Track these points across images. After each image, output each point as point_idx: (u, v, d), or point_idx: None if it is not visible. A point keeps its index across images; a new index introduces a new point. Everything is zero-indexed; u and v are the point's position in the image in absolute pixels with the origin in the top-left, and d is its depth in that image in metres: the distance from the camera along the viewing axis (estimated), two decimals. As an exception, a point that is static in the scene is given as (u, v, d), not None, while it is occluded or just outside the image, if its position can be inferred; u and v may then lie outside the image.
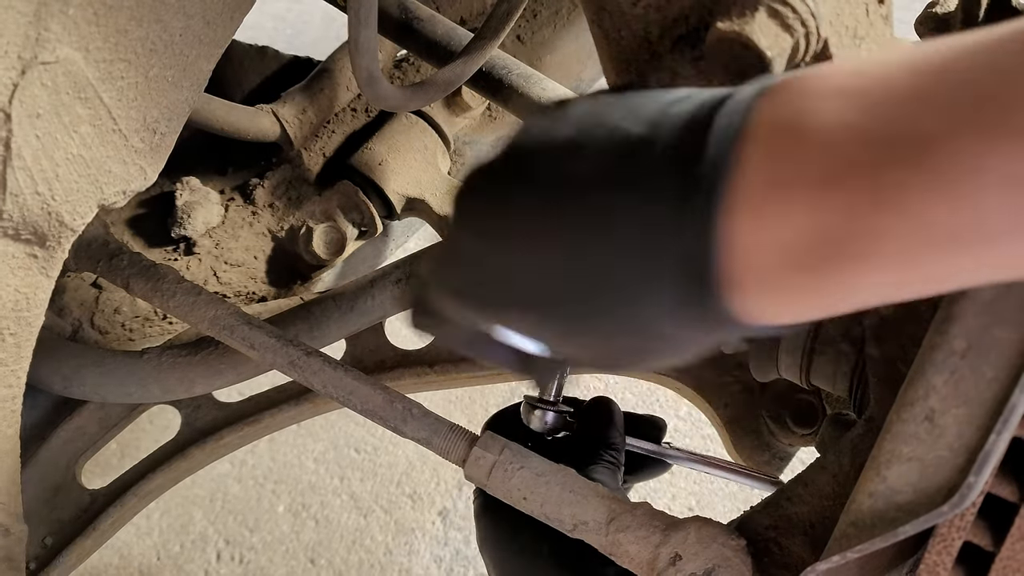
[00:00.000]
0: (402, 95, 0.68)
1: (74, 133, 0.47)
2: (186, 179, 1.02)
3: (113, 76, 0.47)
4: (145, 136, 0.51)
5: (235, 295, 1.04)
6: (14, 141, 0.44)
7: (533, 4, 1.13)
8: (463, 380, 1.01)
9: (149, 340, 0.98)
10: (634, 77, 0.51)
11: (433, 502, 1.56)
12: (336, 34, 2.34)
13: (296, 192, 1.06)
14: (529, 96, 0.84)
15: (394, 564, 1.48)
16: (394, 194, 1.03)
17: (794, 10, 0.41)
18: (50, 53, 0.43)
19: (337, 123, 1.08)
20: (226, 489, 1.57)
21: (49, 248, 0.50)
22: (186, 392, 0.84)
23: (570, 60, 1.17)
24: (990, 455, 0.43)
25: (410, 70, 1.11)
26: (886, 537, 0.44)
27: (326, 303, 0.83)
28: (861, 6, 0.45)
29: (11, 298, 0.50)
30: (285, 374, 0.69)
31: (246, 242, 1.04)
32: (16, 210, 0.46)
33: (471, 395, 1.70)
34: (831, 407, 0.83)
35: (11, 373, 0.54)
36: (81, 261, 0.77)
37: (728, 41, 0.41)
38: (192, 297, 0.72)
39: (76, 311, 0.96)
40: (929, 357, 0.45)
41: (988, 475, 0.43)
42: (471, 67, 0.76)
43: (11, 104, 0.43)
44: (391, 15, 0.87)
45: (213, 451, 0.97)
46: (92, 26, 0.44)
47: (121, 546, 1.50)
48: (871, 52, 0.47)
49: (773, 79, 0.32)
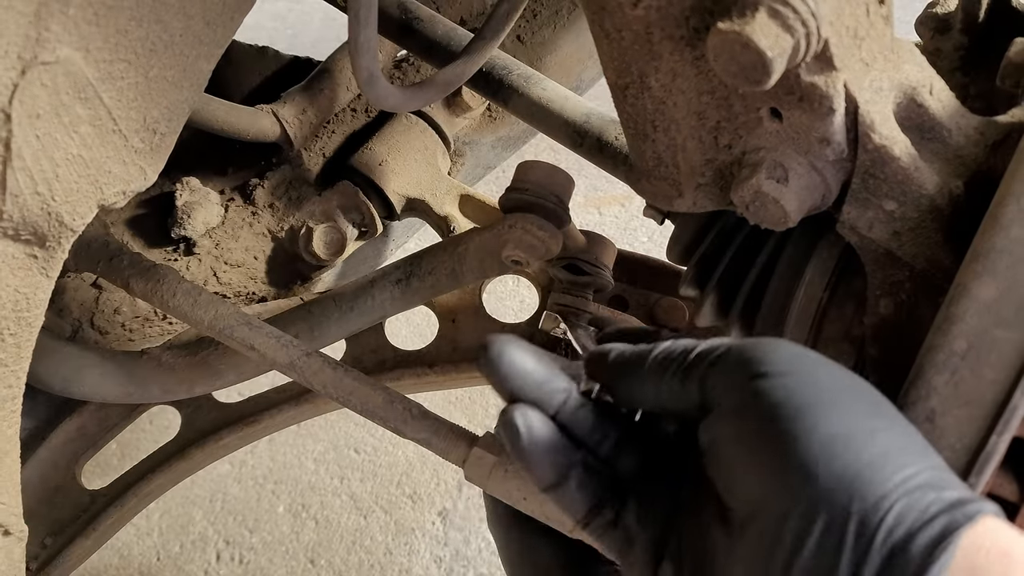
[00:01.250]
0: (402, 95, 0.68)
1: (74, 133, 0.47)
2: (186, 179, 1.02)
3: (113, 76, 0.47)
4: (145, 136, 0.51)
5: (235, 295, 1.04)
6: (14, 141, 0.43)
7: (533, 4, 1.13)
8: (463, 380, 1.01)
9: (149, 340, 0.98)
10: (635, 77, 0.51)
11: (433, 502, 1.56)
12: (336, 34, 2.34)
13: (296, 192, 1.06)
14: (529, 96, 0.84)
15: (394, 564, 1.48)
16: (394, 194, 1.03)
17: (795, 10, 0.41)
18: (50, 53, 0.43)
19: (337, 123, 1.08)
20: (226, 489, 1.57)
21: (49, 248, 0.50)
22: (186, 392, 0.84)
23: (570, 60, 1.17)
24: (991, 456, 0.43)
25: (410, 70, 1.11)
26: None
27: (326, 303, 0.83)
28: (862, 6, 0.45)
29: (11, 298, 0.50)
30: (285, 375, 0.69)
31: (246, 242, 1.04)
32: (16, 210, 0.46)
33: (471, 395, 1.70)
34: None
35: (11, 373, 0.53)
36: (81, 261, 0.77)
37: (729, 41, 0.41)
38: (192, 297, 0.72)
39: (76, 311, 0.96)
40: (930, 358, 0.45)
41: (989, 475, 0.43)
42: (471, 67, 0.76)
43: (11, 104, 0.43)
44: (391, 15, 0.87)
45: (213, 452, 0.97)
46: (92, 26, 0.44)
47: (121, 546, 1.50)
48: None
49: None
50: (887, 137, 0.48)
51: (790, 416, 0.37)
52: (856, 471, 0.35)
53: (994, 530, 0.35)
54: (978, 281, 0.44)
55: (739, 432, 0.39)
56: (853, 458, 0.36)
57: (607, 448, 0.47)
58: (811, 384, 0.38)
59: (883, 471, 0.35)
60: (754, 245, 0.65)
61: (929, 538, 0.34)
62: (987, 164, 0.52)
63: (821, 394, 0.38)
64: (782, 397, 0.38)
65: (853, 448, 0.36)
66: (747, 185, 0.50)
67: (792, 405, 0.37)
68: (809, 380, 0.39)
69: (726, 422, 0.40)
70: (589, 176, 1.95)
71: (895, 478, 0.35)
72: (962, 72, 0.63)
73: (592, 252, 0.85)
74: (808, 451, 0.36)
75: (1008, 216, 0.44)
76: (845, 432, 0.36)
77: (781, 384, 0.38)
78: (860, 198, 0.51)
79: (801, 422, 0.37)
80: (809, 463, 0.36)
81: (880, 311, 0.55)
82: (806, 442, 0.36)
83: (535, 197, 0.75)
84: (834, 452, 0.36)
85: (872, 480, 0.35)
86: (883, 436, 0.37)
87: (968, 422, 0.44)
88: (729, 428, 0.40)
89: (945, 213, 0.51)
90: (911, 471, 0.36)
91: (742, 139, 0.51)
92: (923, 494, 0.35)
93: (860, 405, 0.39)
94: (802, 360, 0.40)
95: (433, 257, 0.81)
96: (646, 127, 0.54)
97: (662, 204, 0.58)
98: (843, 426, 0.37)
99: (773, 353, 0.40)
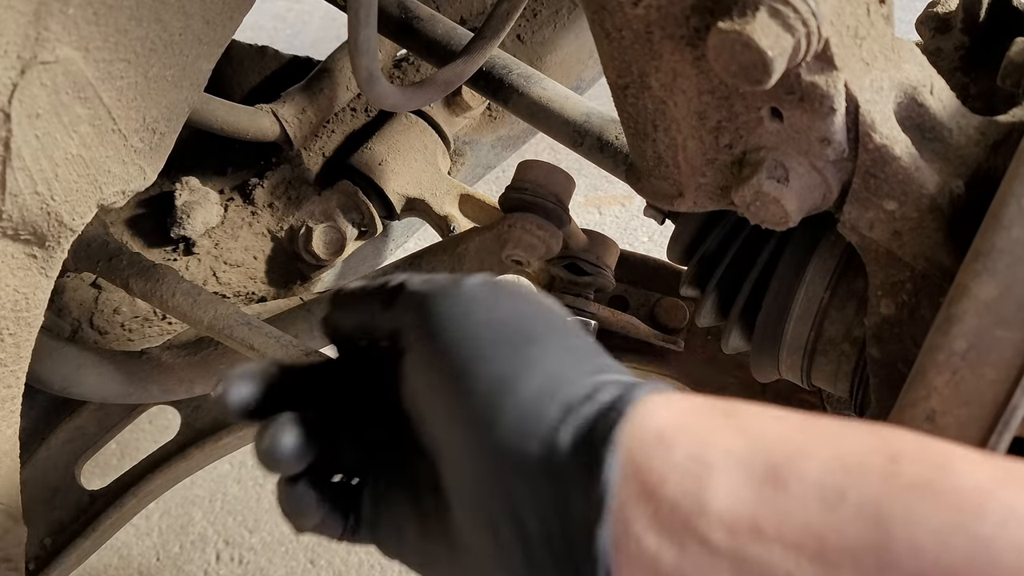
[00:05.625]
0: (402, 95, 0.68)
1: (74, 133, 0.46)
2: (185, 179, 1.02)
3: (113, 76, 0.47)
4: (144, 136, 0.51)
5: (235, 295, 1.04)
6: (14, 141, 0.43)
7: (533, 3, 1.13)
8: (463, 380, 1.01)
9: (149, 340, 0.98)
10: (635, 77, 0.51)
11: (433, 502, 1.56)
12: (336, 34, 2.33)
13: (296, 192, 1.06)
14: (529, 96, 0.84)
15: (394, 564, 1.48)
16: (394, 194, 1.03)
17: (795, 10, 0.41)
18: (50, 53, 0.43)
19: (337, 123, 1.08)
20: (226, 489, 1.57)
21: (48, 248, 0.50)
22: (186, 392, 0.84)
23: (571, 60, 1.17)
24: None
25: (410, 70, 1.11)
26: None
27: (326, 303, 0.83)
28: (862, 6, 0.45)
29: (10, 298, 0.50)
30: (285, 374, 0.68)
31: (246, 242, 1.04)
32: (15, 210, 0.46)
33: (471, 395, 1.69)
34: (832, 408, 0.83)
35: (10, 373, 0.53)
36: (80, 261, 0.77)
37: (729, 41, 0.41)
38: (192, 297, 0.72)
39: (75, 311, 0.96)
40: (930, 358, 0.45)
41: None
42: (471, 67, 0.76)
43: (11, 104, 0.43)
44: (391, 15, 0.87)
45: (212, 452, 0.97)
46: (92, 26, 0.44)
47: (121, 546, 1.50)
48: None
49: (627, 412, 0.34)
50: (888, 137, 0.48)
51: (458, 371, 0.38)
52: (521, 413, 0.35)
53: (648, 413, 0.34)
54: (978, 281, 0.44)
55: (423, 384, 0.40)
56: (515, 401, 0.36)
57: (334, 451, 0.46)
58: (472, 330, 0.39)
59: (541, 403, 0.35)
60: (755, 245, 0.65)
61: (586, 452, 0.33)
62: (988, 164, 0.52)
63: (481, 339, 0.38)
64: (452, 350, 0.38)
65: (515, 388, 0.36)
66: (748, 185, 0.50)
67: (459, 357, 0.38)
68: (472, 326, 0.39)
69: (414, 372, 0.41)
70: (589, 176, 1.95)
71: (552, 411, 0.35)
72: (963, 72, 0.63)
73: (594, 252, 0.85)
74: (475, 403, 0.36)
75: (1009, 216, 0.44)
76: (503, 374, 0.37)
77: (452, 337, 0.39)
78: (861, 198, 0.51)
79: (467, 375, 0.37)
80: (476, 417, 0.36)
81: (881, 311, 0.55)
82: (472, 394, 0.37)
83: (535, 197, 0.75)
84: (499, 399, 0.36)
85: (538, 417, 0.35)
86: (539, 365, 0.37)
87: (969, 422, 0.44)
88: (416, 377, 0.40)
89: (946, 213, 0.51)
90: (570, 392, 0.36)
91: (743, 139, 0.51)
92: (584, 409, 0.35)
93: (518, 338, 0.39)
94: (467, 303, 0.40)
95: (433, 257, 0.81)
96: (646, 127, 0.53)
97: (662, 204, 0.58)
98: (501, 368, 0.37)
99: (444, 298, 0.40)
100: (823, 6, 0.42)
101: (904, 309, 0.54)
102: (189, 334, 0.86)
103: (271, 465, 0.41)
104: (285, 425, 0.41)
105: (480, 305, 0.40)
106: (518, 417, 0.35)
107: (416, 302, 0.41)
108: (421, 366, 0.40)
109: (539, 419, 0.35)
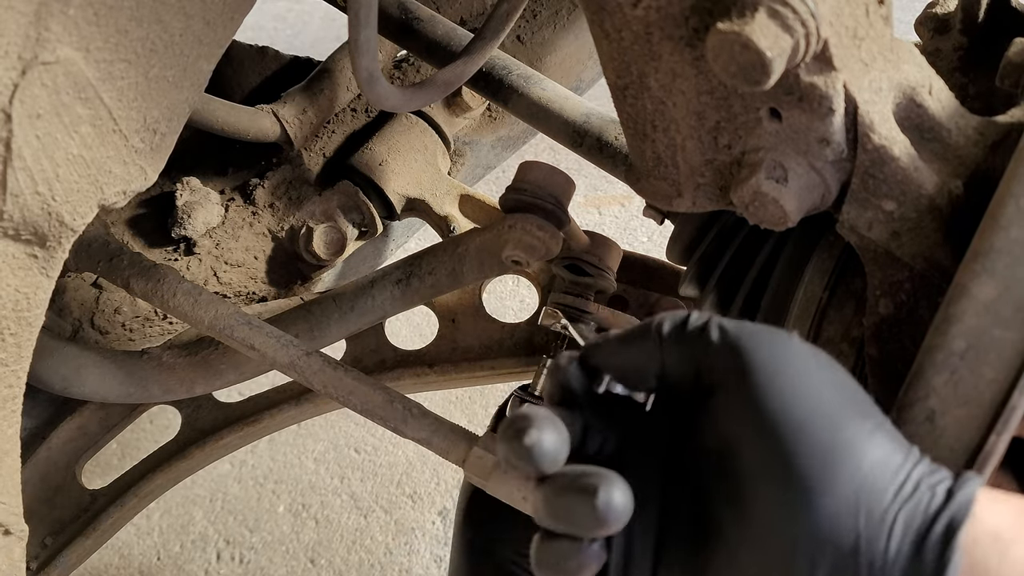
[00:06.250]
0: (402, 95, 0.68)
1: (74, 133, 0.47)
2: (186, 179, 1.02)
3: (113, 76, 0.47)
4: (145, 136, 0.51)
5: (235, 295, 1.04)
6: (14, 141, 0.44)
7: (533, 4, 1.13)
8: (463, 380, 1.01)
9: (149, 340, 0.98)
10: (634, 77, 0.51)
11: (433, 502, 1.56)
12: (336, 34, 2.34)
13: (296, 192, 1.06)
14: (529, 96, 0.84)
15: (394, 564, 1.48)
16: (394, 194, 1.03)
17: (794, 11, 0.41)
18: (50, 53, 0.43)
19: (337, 123, 1.08)
20: (226, 489, 1.57)
21: (49, 248, 0.50)
22: (186, 392, 0.84)
23: (570, 60, 1.17)
24: (990, 455, 0.43)
25: (410, 70, 1.11)
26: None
27: (326, 303, 0.83)
28: (861, 6, 0.45)
29: (11, 298, 0.50)
30: (285, 374, 0.69)
31: (246, 242, 1.04)
32: (16, 210, 0.46)
33: (471, 395, 1.70)
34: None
35: (11, 373, 0.54)
36: (81, 261, 0.77)
37: (728, 41, 0.41)
38: (192, 297, 0.72)
39: (76, 311, 0.96)
40: (929, 358, 0.45)
41: (989, 475, 0.43)
42: (471, 67, 0.76)
43: (11, 104, 0.43)
44: (391, 15, 0.87)
45: (213, 451, 0.97)
46: (92, 26, 0.44)
47: (121, 546, 1.50)
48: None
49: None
50: (886, 137, 0.48)
51: (792, 428, 0.38)
52: (857, 486, 0.36)
53: (982, 513, 0.35)
54: (977, 281, 0.44)
55: (742, 433, 0.40)
56: (853, 471, 0.36)
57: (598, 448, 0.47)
58: (803, 387, 0.39)
59: (882, 479, 0.36)
60: (754, 245, 0.66)
61: (937, 544, 0.35)
62: (986, 164, 0.52)
63: (812, 398, 0.38)
64: (778, 405, 0.38)
65: (852, 459, 0.37)
66: (747, 185, 0.50)
67: (792, 416, 0.38)
68: (801, 382, 0.39)
69: (727, 415, 0.41)
70: (589, 176, 1.95)
71: (892, 486, 0.36)
72: (961, 72, 0.63)
73: (596, 254, 0.85)
74: (810, 467, 0.37)
75: (1007, 216, 0.44)
76: (842, 441, 0.37)
77: (776, 388, 0.39)
78: (859, 198, 0.51)
79: (801, 434, 0.37)
80: (811, 482, 0.36)
81: (879, 311, 0.55)
82: (807, 456, 0.37)
83: (534, 198, 0.75)
84: (835, 468, 0.36)
85: (873, 490, 0.36)
86: (877, 438, 0.38)
87: (967, 422, 0.44)
88: (731, 425, 0.40)
89: (944, 213, 0.51)
90: (904, 472, 0.37)
91: (741, 139, 0.51)
92: (921, 495, 0.36)
93: (851, 407, 0.39)
94: (792, 357, 0.40)
95: (433, 257, 0.81)
96: (646, 127, 0.54)
97: (662, 204, 0.58)
98: (839, 434, 0.37)
99: (763, 348, 0.40)
100: (822, 7, 0.42)
101: (903, 309, 0.54)
102: (190, 334, 0.86)
103: (611, 526, 0.40)
104: (617, 483, 0.40)
105: (813, 363, 0.40)
106: (854, 490, 0.36)
107: (738, 345, 0.41)
108: (741, 408, 0.40)
109: (872, 497, 0.36)
